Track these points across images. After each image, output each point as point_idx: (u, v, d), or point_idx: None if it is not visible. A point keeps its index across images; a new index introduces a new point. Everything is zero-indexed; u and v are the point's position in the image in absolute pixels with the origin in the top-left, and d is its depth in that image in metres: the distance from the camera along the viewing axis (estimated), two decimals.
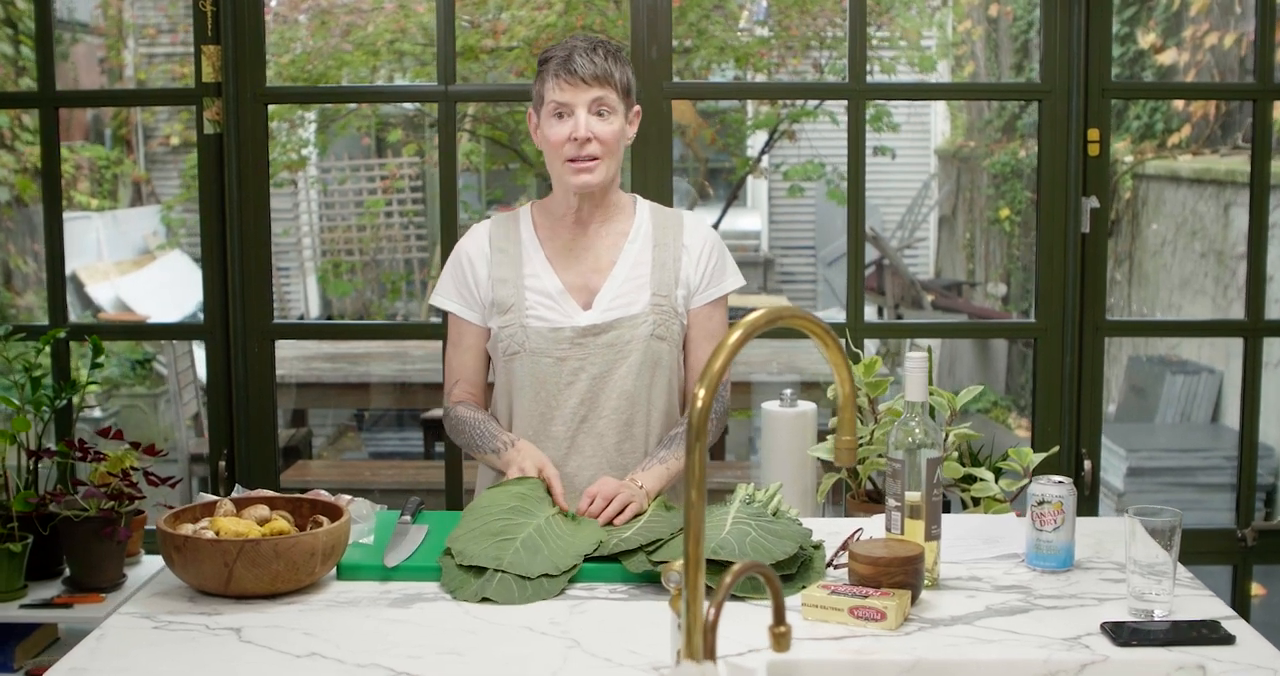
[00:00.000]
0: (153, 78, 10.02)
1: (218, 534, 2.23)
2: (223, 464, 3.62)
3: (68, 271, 9.08)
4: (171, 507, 3.37)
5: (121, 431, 3.34)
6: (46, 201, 3.68)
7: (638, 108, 2.76)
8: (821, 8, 7.59)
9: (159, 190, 10.65)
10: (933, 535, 2.28)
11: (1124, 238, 7.80)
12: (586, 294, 2.76)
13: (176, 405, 5.79)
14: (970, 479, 2.97)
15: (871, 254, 9.70)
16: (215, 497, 2.43)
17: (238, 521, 2.27)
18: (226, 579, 2.17)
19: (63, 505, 3.12)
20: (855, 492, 3.04)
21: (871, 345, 5.58)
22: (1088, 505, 3.58)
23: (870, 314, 9.66)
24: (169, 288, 9.44)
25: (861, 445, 3.02)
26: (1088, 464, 3.59)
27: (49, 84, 3.60)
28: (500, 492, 2.48)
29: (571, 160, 2.66)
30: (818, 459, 3.01)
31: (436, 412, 6.38)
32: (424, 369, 6.09)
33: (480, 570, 2.26)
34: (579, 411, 2.73)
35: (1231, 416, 6.63)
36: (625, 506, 2.52)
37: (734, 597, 2.21)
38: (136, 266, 9.61)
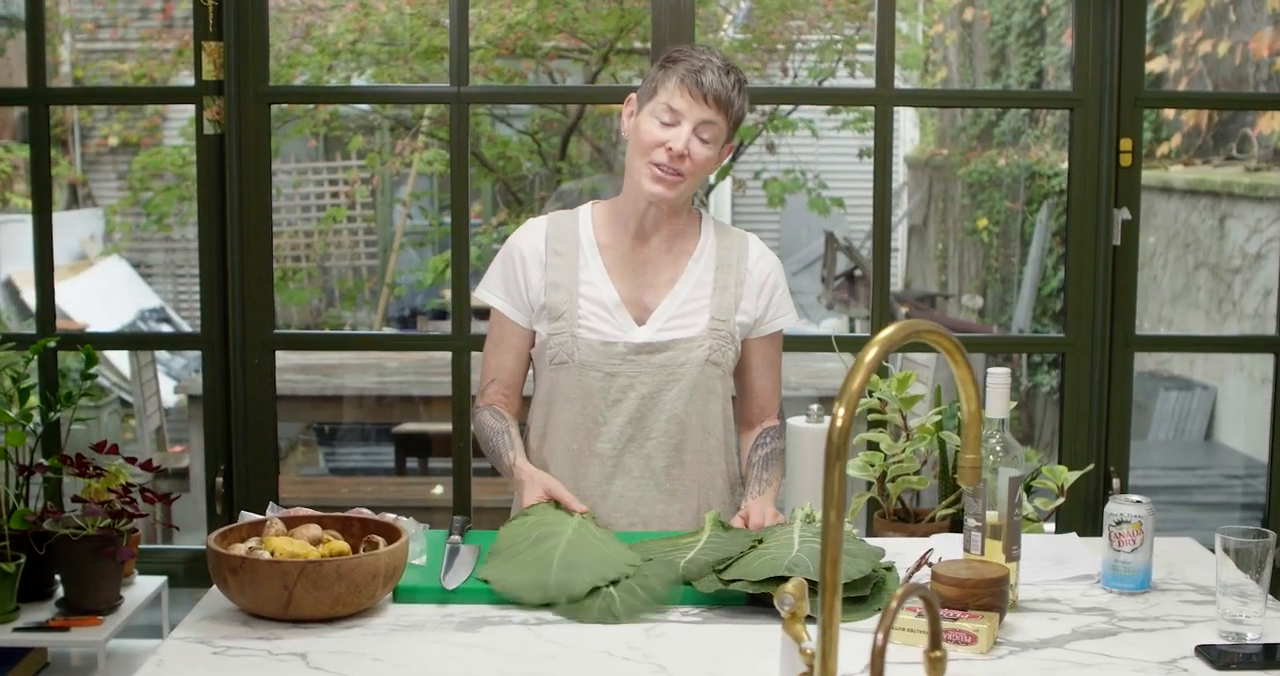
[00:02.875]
0: (90, 75, 9.92)
1: (272, 554, 2.21)
2: (220, 480, 3.59)
3: (2, 277, 9.01)
4: (171, 525, 3.36)
5: (117, 446, 3.31)
6: (35, 205, 3.65)
7: (733, 144, 2.76)
8: (804, 11, 7.65)
9: (96, 193, 10.54)
10: (1013, 556, 2.30)
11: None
12: (642, 310, 2.74)
13: (141, 418, 5.73)
14: None
15: (842, 264, 9.76)
16: (259, 516, 2.41)
17: (291, 541, 2.25)
18: (286, 602, 2.15)
19: (60, 523, 3.09)
20: (885, 511, 3.06)
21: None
22: None
23: (842, 326, 9.70)
24: (107, 295, 9.34)
25: (892, 462, 3.04)
26: (1116, 482, 3.62)
27: (39, 81, 3.57)
28: (517, 526, 2.48)
29: (656, 165, 2.65)
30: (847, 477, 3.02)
31: (409, 426, 6.36)
32: (401, 381, 6.06)
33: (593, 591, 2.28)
34: (626, 431, 2.72)
35: (1227, 433, 6.71)
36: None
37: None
38: (73, 272, 9.50)
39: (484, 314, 2.92)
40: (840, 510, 1.57)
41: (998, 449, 2.31)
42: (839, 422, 1.57)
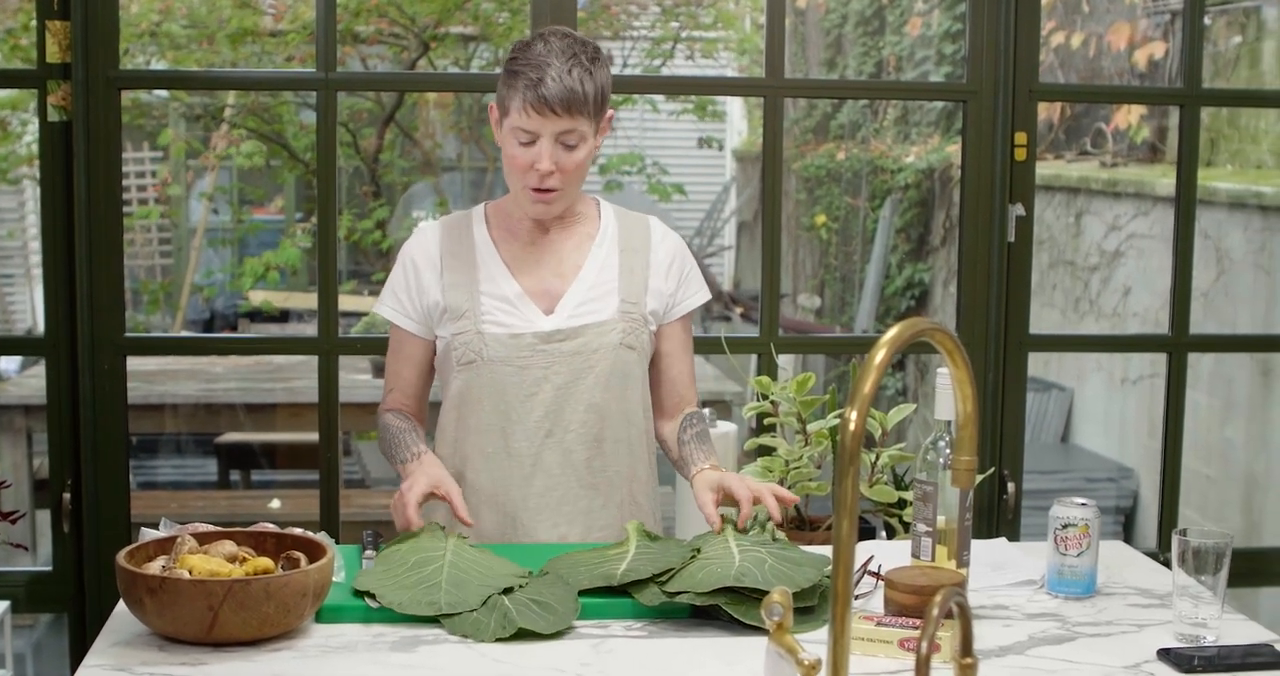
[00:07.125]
0: None
1: (190, 573, 2.18)
2: (68, 496, 3.49)
3: None
4: (20, 545, 3.27)
5: None
6: None
7: (611, 112, 2.77)
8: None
9: None
10: (963, 562, 2.36)
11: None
12: (548, 299, 2.77)
13: None
14: (903, 503, 3.07)
15: None
16: (163, 533, 2.37)
17: (208, 559, 2.21)
18: (210, 624, 2.11)
19: None
20: (782, 519, 3.10)
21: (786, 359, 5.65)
22: (1011, 529, 3.72)
23: None
24: None
25: (792, 468, 3.10)
26: (1011, 485, 3.71)
27: None
28: (393, 554, 2.46)
29: (531, 189, 2.69)
30: None
31: (232, 436, 6.27)
32: (229, 388, 5.96)
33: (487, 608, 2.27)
34: (543, 425, 2.74)
35: (1083, 436, 6.92)
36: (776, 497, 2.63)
37: (746, 625, 2.26)
38: None
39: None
40: (853, 517, 1.60)
41: (947, 451, 2.36)
42: (851, 427, 1.60)
